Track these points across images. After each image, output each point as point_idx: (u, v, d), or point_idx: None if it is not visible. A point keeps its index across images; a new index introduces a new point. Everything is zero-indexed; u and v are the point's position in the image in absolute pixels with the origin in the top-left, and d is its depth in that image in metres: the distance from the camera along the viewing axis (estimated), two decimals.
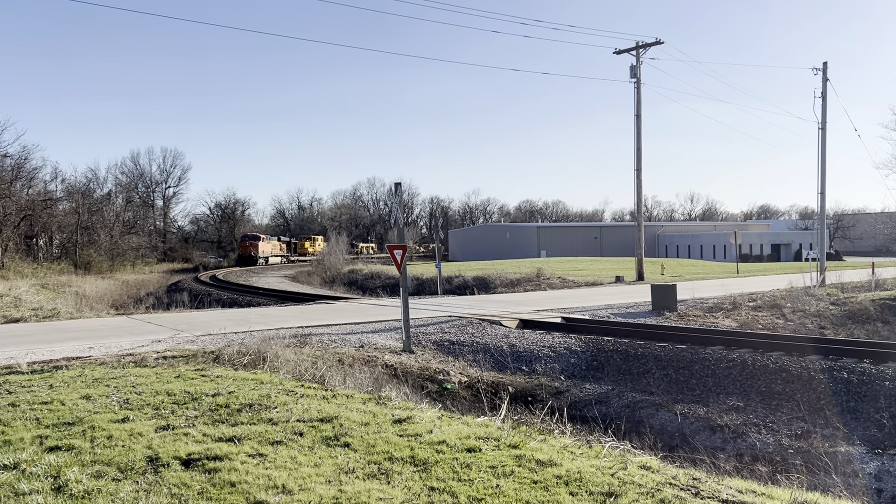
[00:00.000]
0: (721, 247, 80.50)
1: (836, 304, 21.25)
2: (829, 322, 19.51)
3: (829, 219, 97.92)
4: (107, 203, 78.16)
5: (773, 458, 9.86)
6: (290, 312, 20.96)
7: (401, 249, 14.83)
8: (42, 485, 5.07)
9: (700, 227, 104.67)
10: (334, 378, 10.45)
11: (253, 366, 10.92)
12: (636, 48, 34.11)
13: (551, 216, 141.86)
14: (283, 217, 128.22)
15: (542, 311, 20.42)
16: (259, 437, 6.43)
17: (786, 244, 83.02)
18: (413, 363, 13.77)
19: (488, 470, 5.57)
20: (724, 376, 13.29)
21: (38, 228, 58.85)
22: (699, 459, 8.77)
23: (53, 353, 12.60)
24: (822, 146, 32.44)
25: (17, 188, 54.96)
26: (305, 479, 5.29)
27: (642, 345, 15.39)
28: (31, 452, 5.84)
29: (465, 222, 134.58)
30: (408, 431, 6.73)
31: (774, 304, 21.41)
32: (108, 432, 6.49)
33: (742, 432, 10.84)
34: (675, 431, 11.34)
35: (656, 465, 6.07)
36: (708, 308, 21.18)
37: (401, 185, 15.77)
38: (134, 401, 7.91)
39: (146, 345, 13.58)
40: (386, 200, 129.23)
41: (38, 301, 28.35)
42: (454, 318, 18.58)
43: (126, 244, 69.31)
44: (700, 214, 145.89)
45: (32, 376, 9.80)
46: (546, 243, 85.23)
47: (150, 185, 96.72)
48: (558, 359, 15.26)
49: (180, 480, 5.23)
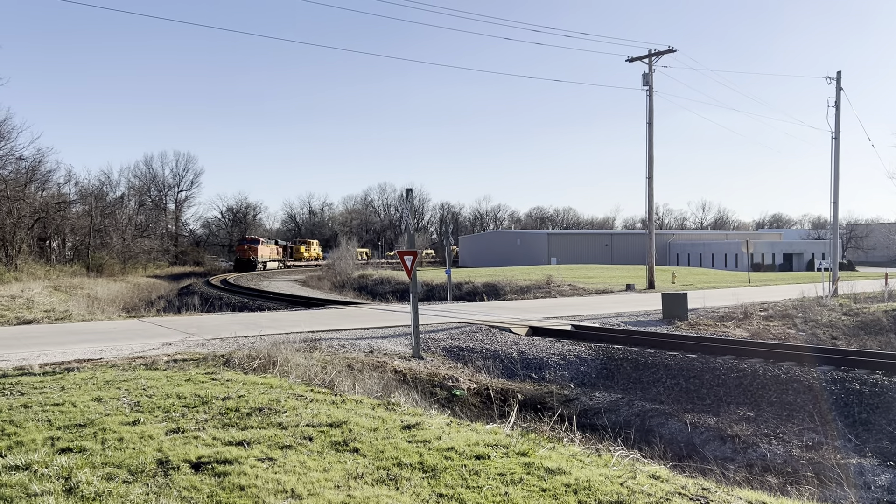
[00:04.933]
0: (732, 256, 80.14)
1: (848, 314, 21.10)
2: (842, 333, 19.36)
3: (842, 229, 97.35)
4: (119, 206, 78.72)
5: (784, 469, 9.79)
6: (300, 317, 21.00)
7: (411, 255, 14.84)
8: (53, 486, 5.09)
9: (711, 235, 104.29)
10: (344, 383, 10.47)
11: (263, 370, 10.94)
12: (648, 56, 34.09)
13: (562, 223, 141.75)
14: (293, 222, 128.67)
15: (552, 318, 20.38)
16: (269, 441, 6.45)
17: (798, 254, 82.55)
18: (422, 369, 13.77)
19: (497, 477, 5.57)
20: (734, 386, 13.21)
21: (52, 231, 59.32)
22: (709, 469, 8.73)
23: (65, 354, 12.68)
24: (836, 155, 32.30)
25: (32, 190, 55.35)
26: (314, 483, 5.30)
27: (652, 353, 15.33)
28: (42, 453, 5.87)
29: (475, 228, 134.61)
30: (417, 437, 6.73)
31: (786, 314, 21.28)
32: (118, 434, 6.52)
33: (752, 443, 10.77)
34: (684, 441, 11.28)
35: (666, 474, 6.04)
36: (719, 317, 21.07)
37: (412, 190, 15.80)
38: (145, 403, 7.94)
39: (157, 348, 13.64)
40: (397, 206, 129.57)
41: (51, 303, 28.55)
42: (464, 325, 18.57)
43: (138, 247, 69.75)
44: (711, 223, 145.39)
45: (44, 378, 9.86)
46: (556, 250, 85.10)
47: (162, 189, 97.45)
48: (568, 366, 15.22)
49: (190, 483, 5.25)
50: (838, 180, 32.31)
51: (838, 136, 32.50)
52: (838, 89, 32.64)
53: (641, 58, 34.33)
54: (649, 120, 34.46)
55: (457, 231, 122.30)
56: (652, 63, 34.06)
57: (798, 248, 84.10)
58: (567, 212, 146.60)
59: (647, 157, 34.60)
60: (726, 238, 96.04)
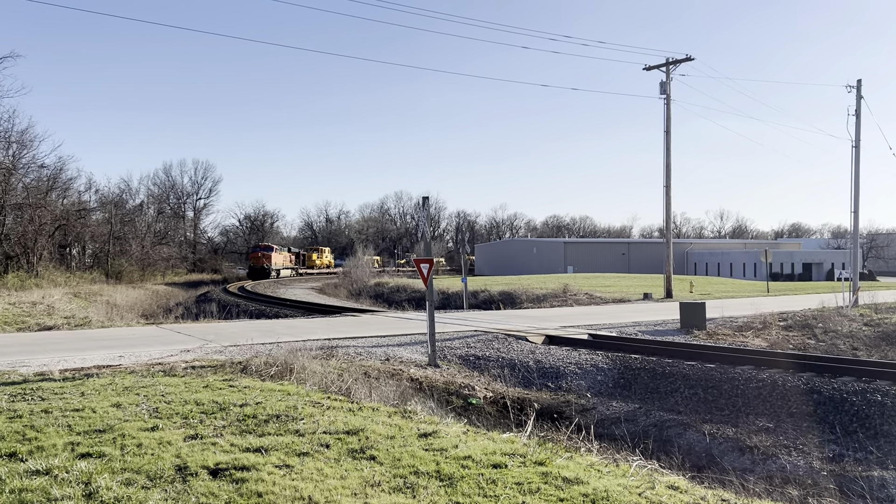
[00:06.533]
0: (751, 265, 79.51)
1: (869, 324, 20.85)
2: (862, 343, 19.13)
3: (863, 238, 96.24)
4: (139, 214, 79.44)
5: (804, 480, 9.67)
6: (317, 324, 21.07)
7: (427, 263, 14.85)
8: (73, 491, 5.14)
9: (730, 244, 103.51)
10: (360, 391, 10.48)
11: (280, 377, 10.98)
12: (666, 64, 33.99)
13: (578, 232, 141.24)
14: (311, 229, 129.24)
15: (569, 327, 20.30)
16: (286, 448, 6.47)
17: (817, 263, 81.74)
18: (438, 377, 13.76)
19: (514, 486, 5.54)
20: (753, 396, 13.09)
21: (72, 238, 59.89)
22: (728, 481, 8.64)
23: (85, 361, 12.79)
24: (856, 164, 31.98)
25: (53, 198, 55.94)
26: (331, 491, 5.31)
27: (670, 363, 15.22)
28: (63, 459, 5.93)
29: (491, 237, 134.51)
30: (433, 446, 6.72)
31: (806, 324, 21.06)
32: (137, 440, 6.57)
33: (772, 454, 10.65)
34: (703, 451, 11.18)
35: (684, 485, 5.99)
36: (738, 327, 20.90)
37: (428, 199, 15.81)
38: (163, 409, 8.00)
39: (175, 354, 13.73)
40: (413, 214, 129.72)
41: (71, 309, 28.84)
42: (480, 333, 18.54)
43: (157, 254, 70.23)
44: (730, 232, 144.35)
45: (64, 384, 9.95)
46: (573, 259, 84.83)
47: (181, 197, 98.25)
48: (585, 376, 15.15)
49: (208, 490, 5.27)
50: (859, 189, 31.99)
51: (858, 144, 32.19)
52: (858, 97, 32.34)
53: (659, 66, 34.23)
54: (667, 128, 34.33)
55: (473, 239, 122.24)
56: (669, 71, 33.95)
57: (818, 258, 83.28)
58: (584, 220, 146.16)
59: (664, 166, 34.46)
60: (745, 247, 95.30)
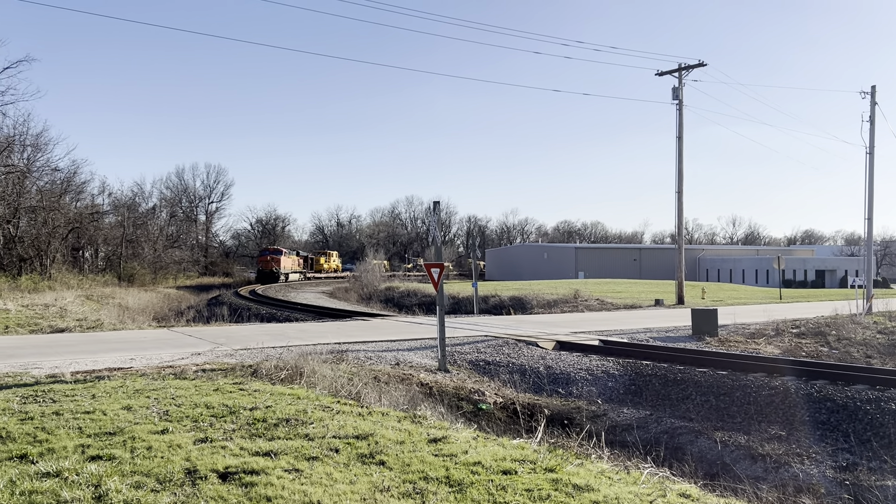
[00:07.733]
0: (763, 272, 79.06)
1: (883, 332, 20.67)
2: (876, 351, 18.97)
3: (877, 245, 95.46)
4: (151, 217, 79.88)
5: (818, 489, 9.57)
6: (327, 328, 21.09)
7: (438, 268, 14.83)
8: (83, 493, 5.14)
9: (742, 251, 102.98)
10: (370, 395, 10.46)
11: (290, 381, 10.98)
12: (678, 70, 33.90)
13: (590, 237, 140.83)
14: (322, 234, 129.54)
15: (580, 332, 20.23)
16: (295, 452, 6.46)
17: (831, 270, 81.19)
18: (448, 382, 13.72)
19: (524, 493, 5.51)
20: (765, 404, 12.98)
21: (85, 241, 60.31)
22: (740, 489, 8.56)
23: (96, 363, 12.85)
24: (870, 171, 31.75)
25: (66, 201, 56.35)
26: (341, 496, 5.29)
27: (682, 370, 15.13)
28: (73, 461, 5.94)
29: (502, 242, 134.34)
30: (443, 451, 6.69)
31: (819, 332, 20.90)
32: (147, 443, 6.58)
33: (784, 462, 10.56)
34: (715, 459, 11.09)
35: (696, 493, 5.94)
36: (750, 334, 20.76)
37: (439, 203, 15.79)
38: (173, 413, 8.01)
39: (186, 357, 13.77)
40: (423, 218, 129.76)
41: (83, 312, 28.98)
42: (490, 338, 18.50)
43: (169, 258, 70.61)
44: (742, 238, 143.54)
45: (76, 386, 9.99)
46: (584, 264, 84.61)
47: (193, 200, 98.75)
48: (595, 382, 15.08)
49: (217, 493, 5.26)
50: (873, 196, 31.76)
51: (873, 151, 31.96)
52: (872, 104, 32.12)
53: (671, 72, 34.15)
54: (679, 134, 34.22)
55: (483, 244, 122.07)
56: (682, 77, 33.86)
57: (831, 265, 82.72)
58: (595, 226, 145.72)
59: (676, 172, 34.34)
60: (757, 254, 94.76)
